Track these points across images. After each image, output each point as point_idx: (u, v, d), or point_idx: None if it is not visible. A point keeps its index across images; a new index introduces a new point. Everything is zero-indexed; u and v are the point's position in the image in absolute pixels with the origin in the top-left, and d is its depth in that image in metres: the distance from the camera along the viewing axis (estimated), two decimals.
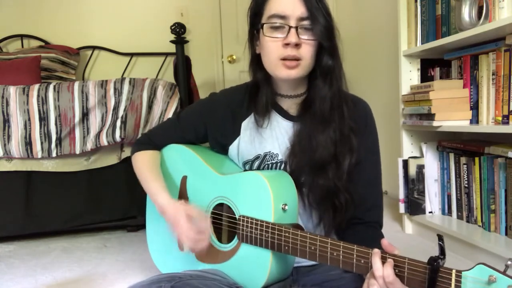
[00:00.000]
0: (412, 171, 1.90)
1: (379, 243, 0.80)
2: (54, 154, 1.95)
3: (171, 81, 2.14)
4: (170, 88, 2.06)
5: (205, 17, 3.49)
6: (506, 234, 1.54)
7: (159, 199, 1.06)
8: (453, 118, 1.68)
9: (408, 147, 1.97)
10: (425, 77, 1.95)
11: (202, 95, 2.36)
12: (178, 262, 1.15)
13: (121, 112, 1.96)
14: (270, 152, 1.05)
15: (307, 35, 0.94)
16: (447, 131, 1.74)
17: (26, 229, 2.03)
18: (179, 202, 1.04)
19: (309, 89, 1.03)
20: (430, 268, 0.71)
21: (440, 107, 1.68)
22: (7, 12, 3.25)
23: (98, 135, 1.96)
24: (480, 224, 1.66)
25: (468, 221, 1.73)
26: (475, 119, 1.66)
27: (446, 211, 1.85)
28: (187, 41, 2.22)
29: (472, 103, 1.67)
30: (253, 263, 0.96)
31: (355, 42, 2.89)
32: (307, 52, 0.95)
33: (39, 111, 1.95)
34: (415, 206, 1.90)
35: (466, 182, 1.72)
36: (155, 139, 1.22)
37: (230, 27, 3.48)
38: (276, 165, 1.04)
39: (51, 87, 1.98)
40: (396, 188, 1.97)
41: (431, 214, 1.90)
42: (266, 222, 0.92)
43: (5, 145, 1.93)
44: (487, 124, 1.59)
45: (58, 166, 2.01)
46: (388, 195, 2.51)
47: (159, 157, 1.20)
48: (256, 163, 1.06)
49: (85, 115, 1.97)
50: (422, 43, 1.87)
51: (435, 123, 1.69)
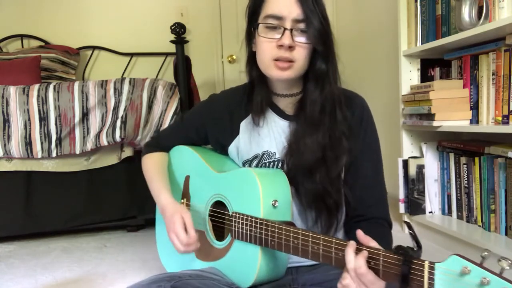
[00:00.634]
0: (412, 171, 1.90)
1: (382, 239, 0.79)
2: (54, 154, 1.95)
3: (171, 81, 2.14)
4: (170, 88, 2.06)
5: (205, 17, 3.49)
6: (506, 234, 1.54)
7: (161, 199, 1.09)
8: (453, 118, 1.68)
9: (408, 147, 1.97)
10: (425, 77, 1.95)
11: (202, 95, 2.36)
12: (181, 261, 1.17)
13: (121, 112, 1.96)
14: (268, 151, 1.05)
15: (301, 37, 0.94)
16: (447, 131, 1.74)
17: (26, 229, 2.03)
18: (179, 204, 1.06)
19: (304, 89, 1.03)
20: (402, 261, 0.69)
21: (440, 107, 1.68)
22: (7, 12, 3.25)
23: (98, 135, 1.96)
24: (480, 224, 1.66)
25: (468, 221, 1.73)
26: (475, 119, 1.65)
27: (446, 211, 1.85)
28: (187, 41, 2.22)
29: (472, 103, 1.67)
30: (244, 259, 0.96)
31: (355, 42, 2.89)
32: (300, 55, 0.95)
33: (39, 111, 1.95)
34: (415, 206, 1.90)
35: (466, 182, 1.72)
36: (162, 141, 1.26)
37: (230, 27, 3.48)
38: (273, 164, 1.04)
39: (51, 87, 1.98)
40: (396, 188, 1.97)
41: (431, 214, 1.90)
42: (255, 217, 0.93)
43: (5, 145, 1.93)
44: (487, 124, 1.59)
45: (58, 166, 2.01)
46: (388, 195, 2.51)
47: (166, 159, 1.24)
48: (255, 162, 1.06)
49: (85, 115, 1.97)
50: (422, 43, 1.87)
51: (435, 123, 1.69)
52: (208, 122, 1.14)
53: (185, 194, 1.18)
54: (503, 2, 1.44)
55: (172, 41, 2.14)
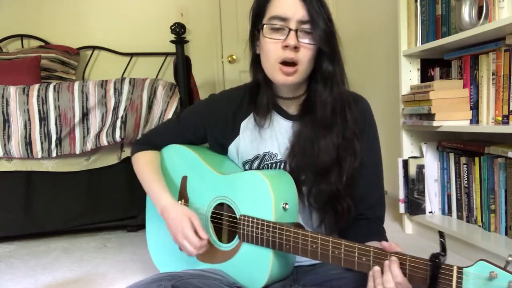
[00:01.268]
0: (412, 171, 1.90)
1: (379, 237, 0.80)
2: (54, 154, 1.95)
3: (171, 81, 2.14)
4: (170, 88, 2.06)
5: (205, 17, 3.49)
6: (506, 234, 1.54)
7: (162, 200, 1.07)
8: (453, 118, 1.68)
9: (408, 147, 1.97)
10: (425, 77, 1.95)
11: (202, 95, 2.36)
12: (178, 262, 1.15)
13: (121, 112, 1.96)
14: (269, 152, 1.05)
15: (306, 39, 0.94)
16: (447, 131, 1.74)
17: (26, 229, 2.03)
18: (183, 206, 1.05)
19: (309, 91, 1.03)
20: (432, 265, 0.71)
21: (440, 107, 1.68)
22: (7, 12, 3.25)
23: (98, 135, 1.96)
24: (480, 224, 1.66)
25: (468, 221, 1.73)
26: (475, 119, 1.66)
27: (446, 211, 1.85)
28: (187, 41, 2.22)
29: (472, 103, 1.67)
30: (254, 262, 0.96)
31: (355, 42, 2.89)
32: (305, 56, 0.95)
33: (39, 111, 1.95)
34: (415, 206, 1.90)
35: (466, 182, 1.72)
36: (155, 139, 1.23)
37: (230, 27, 3.48)
38: (275, 165, 1.05)
39: (51, 87, 1.98)
40: (396, 188, 1.97)
41: (431, 214, 1.90)
42: (267, 221, 0.92)
43: (5, 145, 1.93)
44: (487, 124, 1.59)
45: (58, 166, 2.01)
46: (388, 195, 2.51)
47: (159, 158, 1.21)
48: (256, 163, 1.06)
49: (85, 115, 1.97)
50: (422, 43, 1.87)
51: (435, 123, 1.69)
52: (208, 122, 1.13)
53: (182, 195, 1.16)
54: (503, 2, 1.44)
55: (172, 41, 2.14)
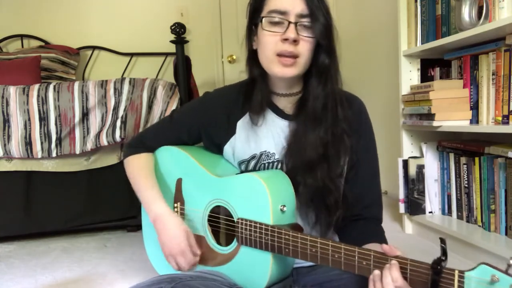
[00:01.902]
0: (412, 171, 1.90)
1: (378, 238, 0.79)
2: (54, 154, 1.95)
3: (171, 81, 2.14)
4: (170, 88, 2.06)
5: (205, 17, 3.49)
6: (506, 234, 1.54)
7: (156, 208, 1.06)
8: (453, 118, 1.68)
9: (408, 147, 1.97)
10: (425, 77, 1.95)
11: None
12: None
13: (121, 112, 1.96)
14: (266, 151, 1.04)
15: (306, 32, 0.94)
16: (447, 131, 1.74)
17: (26, 229, 2.03)
18: (179, 217, 1.06)
19: (305, 88, 1.03)
20: (433, 270, 0.71)
21: (440, 107, 1.68)
22: (7, 12, 3.25)
23: (98, 135, 1.96)
24: (480, 224, 1.66)
25: (468, 221, 1.73)
26: (475, 119, 1.65)
27: (446, 211, 1.85)
28: (187, 41, 2.22)
29: (472, 103, 1.67)
30: (254, 265, 0.96)
31: (355, 42, 2.89)
32: (305, 49, 0.94)
33: (39, 111, 1.95)
34: (415, 206, 1.90)
35: (466, 182, 1.72)
36: (148, 141, 1.19)
37: (230, 27, 3.48)
38: (272, 164, 1.04)
39: (51, 87, 1.98)
40: (396, 188, 1.97)
41: (431, 214, 1.90)
42: (265, 224, 0.92)
43: (5, 145, 1.93)
44: (487, 124, 1.59)
45: (58, 166, 2.01)
46: (388, 195, 2.51)
47: (153, 161, 1.18)
48: (252, 162, 1.05)
49: (85, 115, 1.97)
50: (422, 43, 1.87)
51: (435, 123, 1.69)
52: (202, 122, 1.11)
53: (178, 198, 1.13)
54: (503, 2, 1.44)
55: (172, 41, 2.14)
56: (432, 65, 1.94)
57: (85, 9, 3.35)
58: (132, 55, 3.38)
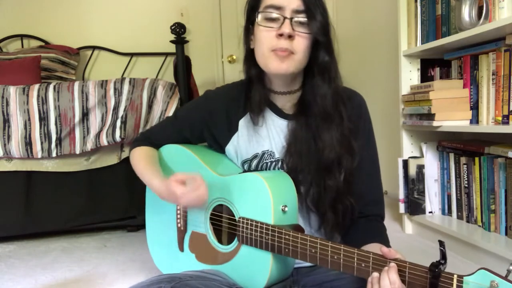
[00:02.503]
0: (412, 171, 1.90)
1: (380, 238, 0.79)
2: (54, 154, 1.95)
3: (171, 81, 2.14)
4: (170, 88, 2.06)
5: (205, 17, 3.49)
6: (506, 234, 1.54)
7: (154, 183, 1.06)
8: (453, 118, 1.68)
9: (408, 147, 1.97)
10: (425, 77, 1.95)
11: None
12: (179, 263, 1.15)
13: (121, 112, 1.96)
14: (268, 150, 1.04)
15: (302, 28, 0.94)
16: (447, 131, 1.74)
17: (26, 229, 2.03)
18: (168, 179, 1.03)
19: (305, 87, 1.02)
20: (431, 274, 0.70)
21: (440, 107, 1.68)
22: (7, 12, 3.25)
23: (98, 135, 1.96)
24: (480, 224, 1.66)
25: (468, 221, 1.73)
26: (475, 119, 1.65)
27: (446, 211, 1.85)
28: (187, 41, 2.22)
29: (472, 103, 1.67)
30: (254, 264, 0.96)
31: (355, 42, 2.89)
32: (300, 45, 0.94)
33: (39, 111, 1.95)
34: (415, 206, 1.90)
35: (466, 182, 1.72)
36: (153, 138, 1.22)
37: (230, 27, 3.47)
38: (273, 163, 1.04)
39: (51, 87, 1.98)
40: (396, 188, 1.97)
41: (431, 214, 1.89)
42: (266, 224, 0.92)
43: (5, 145, 1.93)
44: (487, 124, 1.59)
45: (58, 166, 2.01)
46: (388, 195, 2.51)
47: (157, 153, 1.20)
48: (255, 162, 1.05)
49: (85, 115, 1.97)
50: (422, 43, 1.87)
51: (435, 123, 1.69)
52: (205, 120, 1.12)
53: None
54: (503, 2, 1.44)
55: (172, 41, 2.14)
56: (432, 65, 1.94)
57: (85, 9, 3.35)
58: (132, 55, 3.38)
